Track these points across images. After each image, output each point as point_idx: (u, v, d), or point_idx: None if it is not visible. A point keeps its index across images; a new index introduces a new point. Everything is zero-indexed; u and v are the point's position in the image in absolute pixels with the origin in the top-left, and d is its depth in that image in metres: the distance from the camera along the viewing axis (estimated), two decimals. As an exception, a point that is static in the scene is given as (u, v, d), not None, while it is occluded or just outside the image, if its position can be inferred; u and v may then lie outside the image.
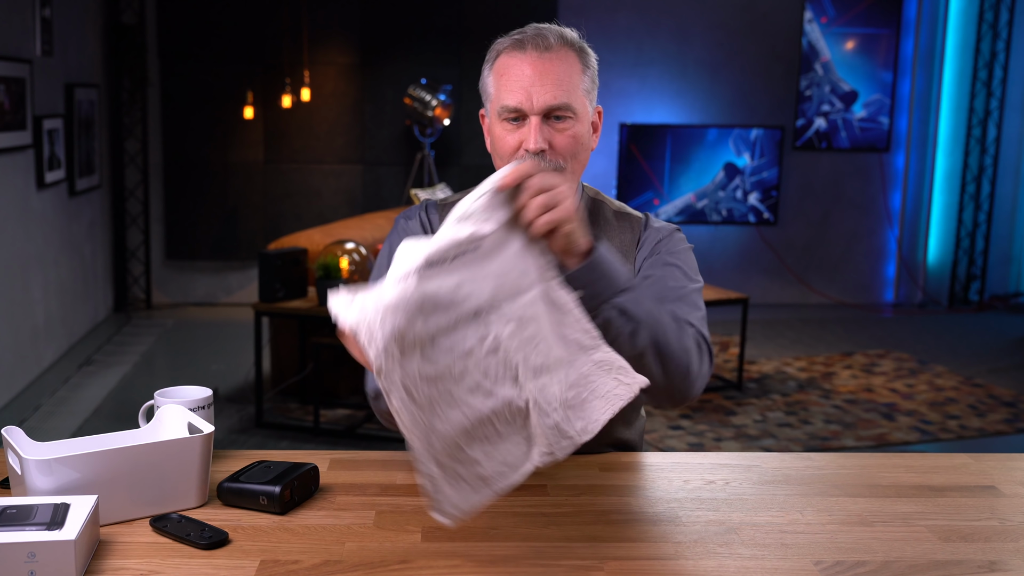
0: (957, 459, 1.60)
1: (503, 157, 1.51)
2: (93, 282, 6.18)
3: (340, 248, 4.48)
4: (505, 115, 1.49)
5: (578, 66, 1.50)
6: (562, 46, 1.49)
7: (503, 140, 1.50)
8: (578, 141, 1.50)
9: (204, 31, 6.66)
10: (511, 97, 1.47)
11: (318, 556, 1.21)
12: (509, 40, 1.51)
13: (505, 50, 1.51)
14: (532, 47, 1.48)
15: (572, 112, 1.48)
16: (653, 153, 7.12)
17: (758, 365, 5.67)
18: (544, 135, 1.47)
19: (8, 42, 4.71)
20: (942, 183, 7.59)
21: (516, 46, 1.49)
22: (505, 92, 1.49)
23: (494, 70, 1.52)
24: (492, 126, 1.53)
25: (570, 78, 1.48)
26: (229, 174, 6.84)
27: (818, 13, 7.16)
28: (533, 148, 1.46)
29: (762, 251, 7.43)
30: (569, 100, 1.47)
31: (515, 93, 1.47)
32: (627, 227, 1.62)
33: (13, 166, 4.78)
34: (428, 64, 6.74)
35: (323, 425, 4.35)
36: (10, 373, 4.73)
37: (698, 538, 1.29)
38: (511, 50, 1.50)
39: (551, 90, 1.46)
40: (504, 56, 1.51)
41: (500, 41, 1.53)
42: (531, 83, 1.46)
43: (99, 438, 1.39)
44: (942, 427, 4.63)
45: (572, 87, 1.48)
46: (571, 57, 1.50)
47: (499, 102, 1.50)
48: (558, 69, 1.47)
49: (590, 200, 1.63)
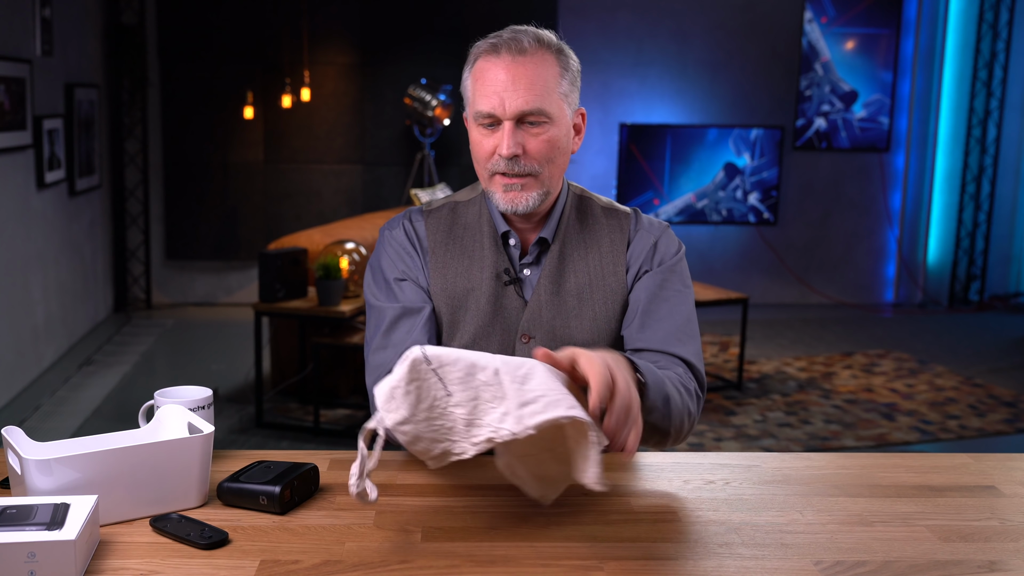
0: (957, 459, 1.60)
1: (479, 161, 1.53)
2: (93, 282, 6.18)
3: (340, 248, 4.48)
4: (480, 120, 1.50)
5: (555, 69, 1.49)
6: (538, 49, 1.48)
7: (479, 144, 1.51)
8: (553, 145, 1.50)
9: (204, 31, 6.66)
10: (485, 102, 1.48)
11: (318, 556, 1.21)
12: (486, 44, 1.51)
13: (482, 54, 1.51)
14: (507, 51, 1.48)
15: (547, 116, 1.48)
16: (653, 153, 7.12)
17: (758, 365, 5.67)
18: (517, 140, 1.48)
19: (8, 42, 4.72)
20: (942, 183, 7.59)
21: (491, 50, 1.49)
22: (480, 97, 1.49)
23: (472, 74, 1.52)
24: (470, 130, 1.55)
25: (545, 82, 1.48)
26: (229, 174, 6.84)
27: (818, 13, 7.16)
28: (506, 153, 1.47)
29: (762, 251, 7.43)
30: (542, 105, 1.47)
31: (489, 98, 1.47)
32: (616, 225, 1.61)
33: (13, 166, 4.78)
34: (428, 64, 6.74)
35: (323, 425, 4.35)
36: (10, 373, 4.73)
37: (698, 538, 1.28)
38: (487, 54, 1.50)
39: (523, 95, 1.46)
40: (480, 60, 1.51)
41: (478, 44, 1.53)
42: (504, 88, 1.46)
43: (99, 438, 1.39)
44: (942, 427, 4.63)
45: (547, 91, 1.48)
46: (548, 60, 1.49)
47: (474, 107, 1.50)
48: (532, 73, 1.47)
49: (576, 198, 1.63)
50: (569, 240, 1.59)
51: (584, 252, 1.59)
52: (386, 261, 1.61)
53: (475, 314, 1.56)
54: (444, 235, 1.60)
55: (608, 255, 1.59)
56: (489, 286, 1.57)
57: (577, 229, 1.60)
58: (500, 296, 1.57)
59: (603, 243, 1.60)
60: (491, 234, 1.59)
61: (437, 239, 1.60)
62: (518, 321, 1.57)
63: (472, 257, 1.58)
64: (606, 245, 1.59)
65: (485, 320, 1.56)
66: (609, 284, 1.58)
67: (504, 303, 1.57)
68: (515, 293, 1.57)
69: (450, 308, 1.58)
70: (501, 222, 1.58)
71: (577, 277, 1.58)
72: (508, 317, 1.57)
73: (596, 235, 1.60)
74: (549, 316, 1.57)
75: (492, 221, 1.59)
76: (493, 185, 1.53)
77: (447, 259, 1.59)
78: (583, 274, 1.58)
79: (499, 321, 1.57)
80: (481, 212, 1.61)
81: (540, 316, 1.56)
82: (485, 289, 1.57)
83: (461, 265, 1.58)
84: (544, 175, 1.51)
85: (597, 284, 1.58)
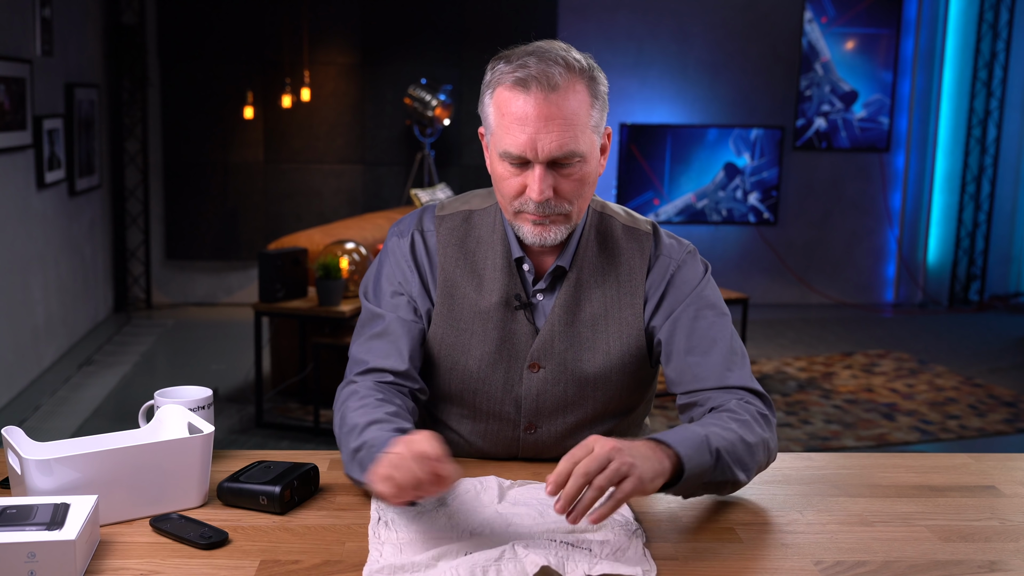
0: (957, 459, 1.60)
1: (504, 196, 1.44)
2: (93, 282, 6.18)
3: (340, 248, 4.48)
4: (507, 159, 1.39)
5: (587, 100, 1.38)
6: (569, 79, 1.36)
7: (506, 182, 1.41)
8: (584, 182, 1.41)
9: (204, 31, 6.66)
10: (514, 143, 1.37)
11: (318, 556, 1.21)
12: (511, 75, 1.37)
13: (506, 84, 1.38)
14: (537, 87, 1.35)
15: (580, 156, 1.38)
16: (653, 153, 7.12)
17: (758, 365, 5.67)
18: (548, 183, 1.38)
19: (8, 42, 4.71)
20: (942, 183, 7.59)
21: (519, 84, 1.36)
22: (507, 136, 1.37)
23: (495, 104, 1.40)
24: (492, 161, 1.44)
25: (578, 119, 1.37)
26: (229, 174, 6.84)
27: (818, 13, 7.16)
28: (537, 198, 1.38)
29: (762, 251, 7.43)
30: (576, 147, 1.37)
31: (518, 139, 1.36)
32: (635, 247, 1.52)
33: (13, 166, 4.78)
34: (428, 64, 6.74)
35: (323, 425, 4.35)
36: (10, 373, 4.73)
37: (698, 538, 1.28)
38: (513, 87, 1.36)
39: (557, 138, 1.35)
40: (506, 91, 1.38)
41: (501, 69, 1.39)
42: (536, 130, 1.35)
43: (99, 438, 1.39)
44: (942, 427, 4.63)
45: (580, 129, 1.37)
46: (580, 90, 1.37)
47: (501, 145, 1.39)
48: (565, 111, 1.35)
49: (597, 217, 1.53)
50: (587, 267, 1.51)
51: (602, 279, 1.51)
52: (387, 271, 1.54)
53: (481, 339, 1.50)
54: (456, 248, 1.52)
55: (626, 283, 1.51)
56: (498, 310, 1.49)
57: (596, 254, 1.51)
58: (509, 321, 1.50)
59: (622, 270, 1.51)
60: (504, 255, 1.50)
61: (448, 253, 1.52)
62: (527, 349, 1.50)
63: (483, 277, 1.50)
64: (624, 272, 1.51)
65: (492, 346, 1.50)
66: (625, 316, 1.51)
67: (513, 328, 1.50)
68: (525, 319, 1.50)
69: (455, 330, 1.51)
70: (516, 247, 1.50)
71: (592, 306, 1.50)
72: (517, 344, 1.50)
73: (615, 260, 1.51)
74: (562, 347, 1.50)
75: (507, 240, 1.51)
76: (520, 220, 1.44)
77: (456, 277, 1.51)
78: (599, 304, 1.50)
79: (506, 348, 1.50)
80: (495, 227, 1.52)
81: (552, 346, 1.50)
82: (494, 313, 1.49)
83: (471, 285, 1.51)
84: (574, 211, 1.43)
85: (613, 315, 1.50)
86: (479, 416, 1.54)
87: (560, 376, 1.50)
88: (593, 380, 1.50)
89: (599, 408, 1.53)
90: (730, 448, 1.32)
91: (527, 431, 1.53)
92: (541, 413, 1.52)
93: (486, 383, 1.51)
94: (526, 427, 1.53)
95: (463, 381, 1.52)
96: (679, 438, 1.28)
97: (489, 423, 1.54)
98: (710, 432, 1.32)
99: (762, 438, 1.39)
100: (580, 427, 1.53)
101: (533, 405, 1.51)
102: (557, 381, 1.50)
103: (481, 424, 1.54)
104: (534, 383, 1.51)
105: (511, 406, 1.52)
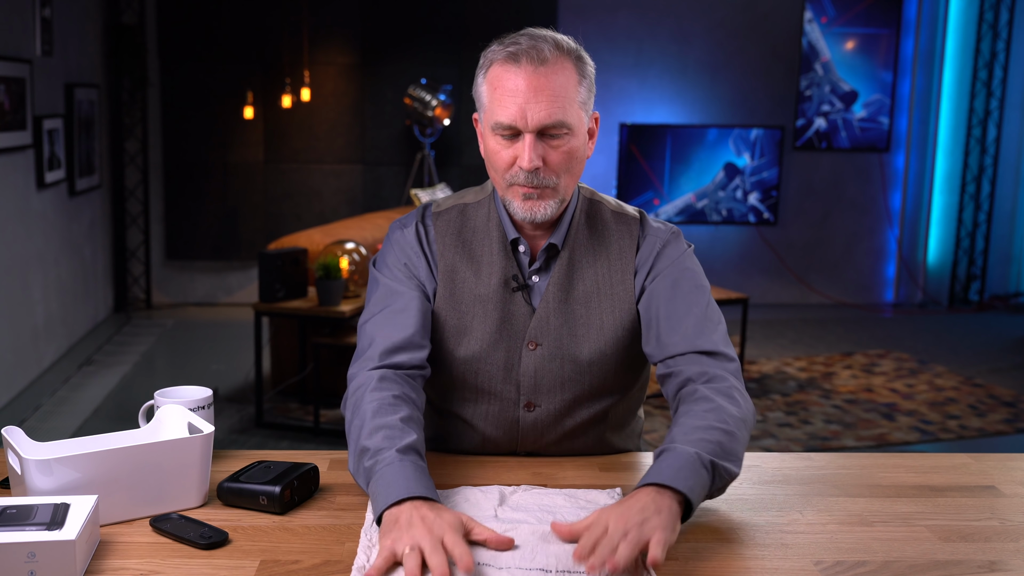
0: (957, 459, 1.60)
1: (497, 170, 1.50)
2: (93, 282, 6.18)
3: (340, 248, 4.48)
4: (499, 131, 1.47)
5: (574, 77, 1.47)
6: (558, 57, 1.45)
7: (497, 155, 1.48)
8: (572, 156, 1.49)
9: (204, 31, 6.66)
10: (505, 114, 1.45)
11: (318, 556, 1.21)
12: (503, 51, 1.47)
13: (499, 61, 1.47)
14: (527, 60, 1.44)
15: (567, 128, 1.46)
16: (653, 153, 7.12)
17: (758, 365, 5.67)
18: (538, 152, 1.45)
19: (8, 42, 4.71)
20: (942, 183, 7.59)
21: (510, 59, 1.45)
22: (499, 107, 1.46)
23: (488, 81, 1.49)
24: (486, 138, 1.51)
25: (566, 92, 1.45)
26: (229, 174, 6.84)
27: (818, 13, 7.16)
28: (527, 167, 1.45)
29: (762, 251, 7.43)
30: (564, 117, 1.45)
31: (509, 110, 1.44)
32: (625, 230, 1.60)
33: (13, 166, 4.78)
34: (428, 64, 6.74)
35: (323, 425, 4.35)
36: (10, 373, 4.73)
37: (699, 538, 1.29)
38: (505, 62, 1.46)
39: (546, 108, 1.43)
40: (498, 67, 1.47)
41: (494, 50, 1.49)
42: (525, 100, 1.43)
43: (99, 438, 1.39)
44: (942, 427, 4.63)
45: (568, 102, 1.45)
46: (567, 68, 1.46)
47: (493, 117, 1.47)
48: (553, 84, 1.44)
49: (586, 202, 1.61)
50: (578, 246, 1.57)
51: (593, 259, 1.57)
52: (392, 258, 1.59)
53: (482, 320, 1.55)
54: (453, 239, 1.58)
55: (616, 262, 1.57)
56: (497, 293, 1.55)
57: (587, 235, 1.58)
58: (508, 303, 1.56)
59: (612, 249, 1.58)
60: (500, 239, 1.57)
61: (446, 243, 1.58)
62: (525, 328, 1.56)
63: (480, 263, 1.57)
64: (615, 251, 1.58)
65: (492, 327, 1.55)
66: (617, 292, 1.56)
67: (512, 310, 1.56)
68: (523, 300, 1.56)
69: (457, 314, 1.56)
70: (511, 228, 1.57)
71: (585, 284, 1.57)
72: (515, 324, 1.56)
73: (605, 241, 1.58)
74: (557, 324, 1.55)
75: (501, 226, 1.58)
76: (511, 194, 1.50)
77: (455, 264, 1.57)
78: (591, 281, 1.57)
79: (506, 328, 1.56)
80: (490, 215, 1.59)
81: (548, 324, 1.55)
82: (493, 296, 1.56)
83: (469, 270, 1.57)
84: (562, 185, 1.49)
85: (605, 292, 1.56)
86: (481, 396, 1.59)
87: (556, 353, 1.55)
88: (588, 356, 1.56)
89: (595, 385, 1.58)
90: (718, 451, 1.32)
91: (526, 409, 1.58)
92: (539, 391, 1.57)
93: (487, 363, 1.56)
94: (525, 404, 1.58)
95: (465, 362, 1.57)
96: (673, 471, 1.27)
97: (491, 403, 1.59)
98: (697, 446, 1.31)
99: (738, 418, 1.39)
100: (577, 404, 1.58)
101: (531, 382, 1.56)
102: (553, 358, 1.56)
103: (483, 405, 1.59)
104: (532, 361, 1.56)
105: (511, 384, 1.57)
